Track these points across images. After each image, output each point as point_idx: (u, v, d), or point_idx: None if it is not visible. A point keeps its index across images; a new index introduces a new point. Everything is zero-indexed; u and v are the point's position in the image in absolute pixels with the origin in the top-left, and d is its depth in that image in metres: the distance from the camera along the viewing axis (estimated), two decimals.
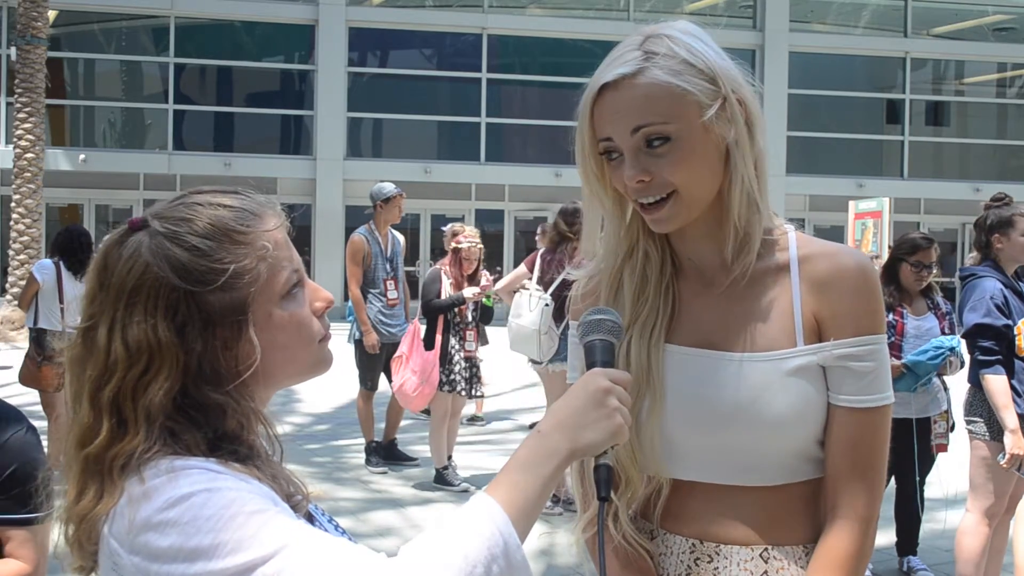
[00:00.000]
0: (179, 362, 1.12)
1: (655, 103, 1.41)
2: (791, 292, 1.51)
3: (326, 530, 1.29)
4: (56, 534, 1.20)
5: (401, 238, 7.67)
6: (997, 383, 4.16)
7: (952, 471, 5.26)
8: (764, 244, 1.52)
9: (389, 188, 7.30)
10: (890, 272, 4.99)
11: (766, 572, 1.50)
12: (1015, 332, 4.23)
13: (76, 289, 7.15)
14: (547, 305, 6.08)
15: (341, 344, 7.86)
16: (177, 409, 1.13)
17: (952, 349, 4.64)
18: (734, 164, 1.45)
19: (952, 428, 4.97)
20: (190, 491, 1.05)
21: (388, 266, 7.31)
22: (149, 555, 1.04)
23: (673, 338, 1.53)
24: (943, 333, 4.79)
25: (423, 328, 6.69)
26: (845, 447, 1.48)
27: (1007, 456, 4.12)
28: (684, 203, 1.45)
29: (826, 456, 1.50)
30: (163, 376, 1.11)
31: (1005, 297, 4.24)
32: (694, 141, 1.42)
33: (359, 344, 7.29)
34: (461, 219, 22.38)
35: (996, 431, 4.21)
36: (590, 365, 1.29)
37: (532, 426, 6.29)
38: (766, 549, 1.51)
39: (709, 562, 1.52)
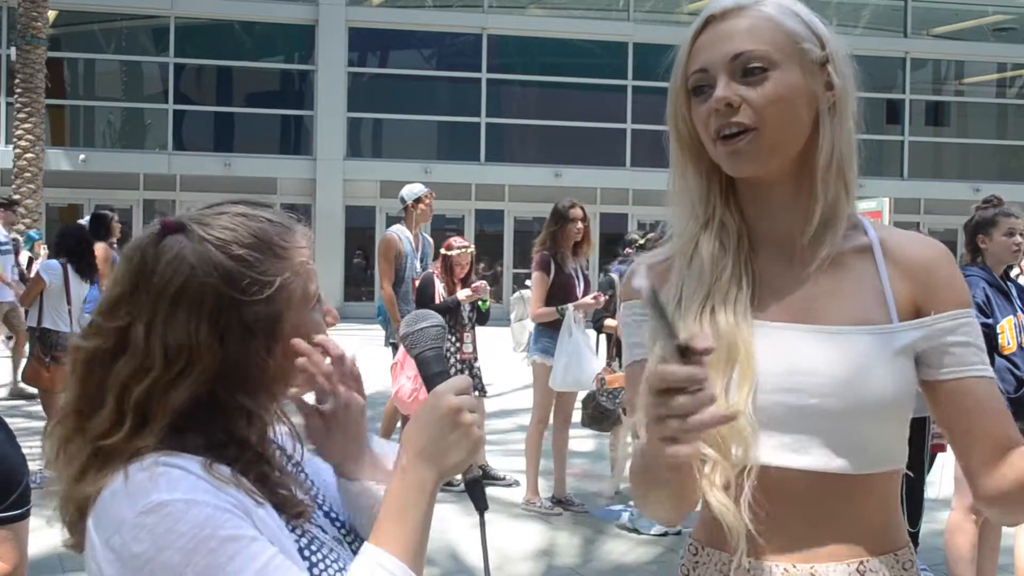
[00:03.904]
0: (214, 366, 1.14)
1: (762, 33, 1.39)
2: (878, 271, 1.45)
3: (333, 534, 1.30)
4: (50, 522, 1.21)
5: (431, 240, 7.69)
6: None
7: (951, 471, 5.26)
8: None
9: (420, 188, 7.35)
10: None
11: None
12: (997, 331, 4.26)
13: (82, 290, 7.15)
14: (521, 298, 6.45)
15: (378, 347, 7.83)
16: (196, 409, 1.15)
17: None
18: (825, 130, 1.41)
19: None
20: (169, 499, 1.07)
21: (418, 266, 7.33)
22: (121, 557, 1.07)
23: (756, 315, 1.44)
24: None
25: None
26: (989, 414, 1.42)
27: None
28: (764, 143, 1.39)
29: (971, 437, 1.43)
30: (194, 378, 1.14)
31: (988, 296, 4.27)
32: (791, 82, 1.39)
33: (395, 347, 7.30)
34: (461, 219, 22.42)
35: None
36: (427, 377, 1.28)
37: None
38: (862, 562, 1.42)
39: None
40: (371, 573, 1.11)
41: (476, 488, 1.24)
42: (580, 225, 6.20)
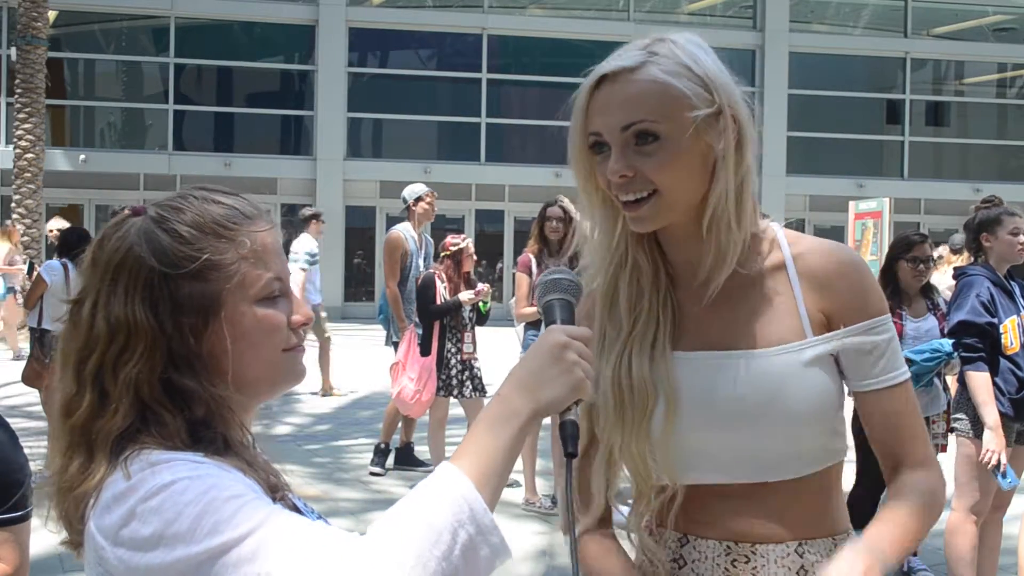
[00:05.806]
0: (156, 343, 1.15)
1: (649, 100, 1.42)
2: (791, 289, 1.52)
3: None
4: (47, 522, 1.21)
5: (431, 240, 7.74)
6: (978, 379, 4.20)
7: (951, 472, 5.26)
8: (754, 244, 1.54)
9: (420, 188, 7.46)
10: (888, 274, 4.99)
11: (803, 567, 1.51)
12: (1000, 330, 4.25)
13: None
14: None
15: (378, 347, 7.85)
16: (165, 394, 1.16)
17: (950, 355, 4.62)
18: (720, 177, 1.46)
19: (952, 429, 4.97)
20: (172, 479, 1.08)
21: (422, 265, 7.36)
22: (133, 545, 1.06)
23: (677, 346, 1.52)
24: (943, 334, 4.77)
25: (419, 334, 6.72)
26: (887, 425, 1.53)
27: (983, 452, 4.16)
28: (665, 204, 1.45)
29: (873, 440, 1.56)
30: (139, 354, 1.15)
31: (992, 295, 4.26)
32: (682, 144, 1.42)
33: (396, 346, 7.31)
34: (461, 219, 22.41)
35: (980, 428, 4.23)
36: (549, 324, 1.29)
37: None
38: (800, 544, 1.51)
39: (747, 562, 1.51)
40: (438, 484, 1.10)
41: (567, 430, 1.23)
42: (555, 224, 6.23)
